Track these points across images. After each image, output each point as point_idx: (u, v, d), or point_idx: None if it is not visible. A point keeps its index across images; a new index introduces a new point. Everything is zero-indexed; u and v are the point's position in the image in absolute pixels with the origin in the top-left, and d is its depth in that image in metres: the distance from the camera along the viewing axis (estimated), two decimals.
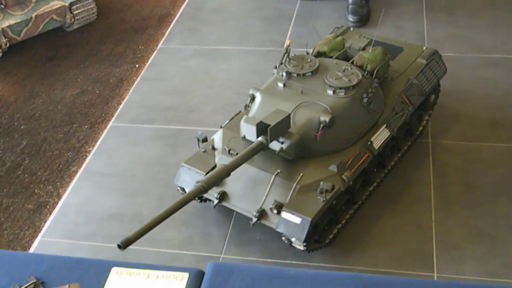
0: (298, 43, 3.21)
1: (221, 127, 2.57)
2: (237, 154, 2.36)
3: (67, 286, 1.11)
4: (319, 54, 2.67)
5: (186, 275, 1.28)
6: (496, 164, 2.74)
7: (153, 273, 1.28)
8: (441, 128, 2.94)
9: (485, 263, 2.32)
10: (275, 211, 2.28)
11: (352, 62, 2.56)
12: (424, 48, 2.87)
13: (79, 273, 1.30)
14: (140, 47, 3.84)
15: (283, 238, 2.34)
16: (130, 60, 3.72)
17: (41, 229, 2.65)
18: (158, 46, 3.80)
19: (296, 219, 2.22)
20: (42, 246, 2.57)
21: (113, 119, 3.23)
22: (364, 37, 2.73)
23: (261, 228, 2.52)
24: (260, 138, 2.27)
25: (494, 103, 3.08)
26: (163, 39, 3.87)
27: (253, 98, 2.46)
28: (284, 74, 2.46)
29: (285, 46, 2.51)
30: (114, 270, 1.30)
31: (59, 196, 2.81)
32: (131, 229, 2.55)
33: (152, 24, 4.07)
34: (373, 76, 2.51)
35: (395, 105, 2.58)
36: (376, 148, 2.48)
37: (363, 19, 3.76)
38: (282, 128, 2.27)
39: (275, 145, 2.30)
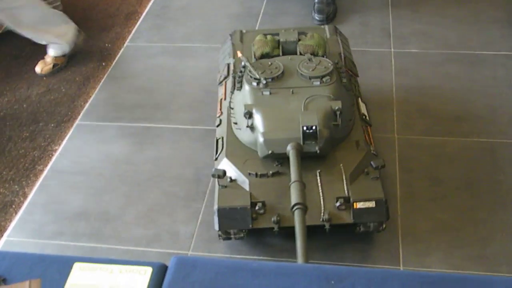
0: None
1: (215, 159, 2.45)
2: (266, 174, 2.31)
3: (27, 282, 1.10)
4: (262, 56, 2.67)
5: (149, 270, 1.28)
6: (460, 158, 2.78)
7: (116, 268, 1.28)
8: (407, 124, 2.98)
9: (449, 255, 2.36)
10: (343, 207, 2.23)
11: (301, 54, 2.62)
12: (323, 26, 2.98)
13: (41, 269, 1.29)
14: (106, 45, 3.81)
15: (359, 227, 2.30)
16: (97, 58, 3.69)
17: (7, 229, 2.62)
18: (125, 44, 3.78)
19: (371, 204, 2.21)
20: (8, 245, 2.54)
21: (79, 117, 3.20)
22: (294, 30, 2.80)
23: None
24: (291, 145, 2.23)
25: (458, 98, 3.13)
26: (129, 37, 3.85)
27: (250, 115, 2.36)
28: (263, 82, 2.43)
29: (245, 59, 2.52)
30: (77, 265, 1.29)
31: (25, 196, 2.78)
32: (98, 227, 2.57)
33: (119, 22, 4.05)
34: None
35: (349, 79, 2.65)
36: (369, 119, 2.57)
37: (329, 18, 3.78)
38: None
39: (309, 147, 2.26)
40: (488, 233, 2.43)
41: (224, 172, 2.28)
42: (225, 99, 2.66)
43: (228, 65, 2.79)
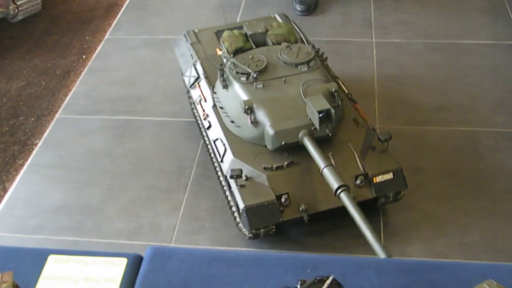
0: None
1: (221, 161, 2.40)
2: (281, 166, 2.29)
3: None
4: (236, 51, 2.64)
5: (124, 261, 1.27)
6: (441, 147, 2.79)
7: (90, 259, 1.27)
8: (388, 113, 2.98)
9: (431, 244, 2.37)
10: (363, 184, 2.26)
11: (273, 44, 2.65)
12: (273, 16, 3.01)
13: (15, 262, 1.28)
14: (87, 37, 3.79)
15: (380, 200, 2.34)
16: (77, 51, 3.66)
17: None
18: (105, 37, 3.76)
19: (389, 176, 2.28)
20: None
21: (60, 111, 3.18)
22: (255, 22, 2.85)
23: (211, 216, 2.53)
24: (303, 132, 2.25)
25: (439, 88, 3.14)
26: (110, 29, 3.83)
27: (251, 111, 2.33)
28: (253, 76, 2.40)
29: (228, 56, 2.51)
30: (51, 258, 1.28)
31: (5, 190, 2.76)
32: (79, 221, 2.55)
33: (99, 14, 4.02)
34: None
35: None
36: (352, 96, 2.62)
37: (311, 8, 3.78)
38: None
39: (321, 131, 2.26)
40: (469, 221, 2.45)
41: (241, 171, 2.24)
42: (205, 100, 2.64)
43: (195, 66, 2.76)
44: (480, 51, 3.40)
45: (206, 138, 2.70)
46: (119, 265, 1.26)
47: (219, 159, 2.42)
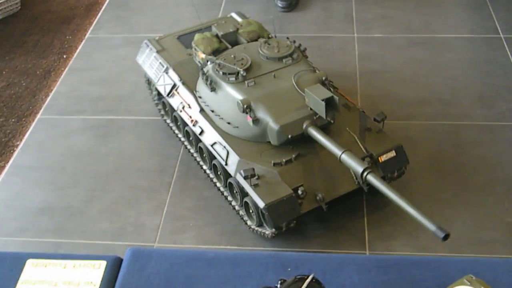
0: None
1: (226, 164, 2.37)
2: (290, 159, 2.30)
3: None
4: (213, 53, 2.62)
5: (103, 263, 1.26)
6: (423, 141, 2.80)
7: (69, 263, 1.26)
8: (371, 108, 2.96)
9: (415, 238, 2.37)
10: (370, 165, 2.27)
11: (247, 41, 2.66)
12: (230, 15, 3.03)
13: None
14: (67, 37, 3.75)
15: (387, 179, 2.38)
16: (58, 51, 3.63)
17: None
18: (86, 36, 3.73)
19: (392, 154, 2.36)
20: None
21: (41, 111, 3.15)
22: (224, 21, 2.84)
23: (194, 214, 2.52)
24: (307, 123, 2.27)
25: (421, 82, 3.15)
26: (91, 28, 3.80)
27: (250, 109, 2.31)
28: (243, 75, 2.38)
29: (213, 58, 2.48)
30: (30, 262, 1.27)
31: None
32: (62, 222, 2.53)
33: (80, 13, 3.99)
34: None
35: None
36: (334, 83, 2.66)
37: (292, 4, 3.77)
38: None
39: (322, 119, 2.27)
40: (452, 215, 2.46)
41: (254, 170, 2.22)
42: (189, 107, 2.59)
43: (167, 73, 2.71)
44: (460, 45, 3.41)
45: (189, 145, 2.69)
46: (98, 268, 1.25)
47: (223, 163, 2.39)
